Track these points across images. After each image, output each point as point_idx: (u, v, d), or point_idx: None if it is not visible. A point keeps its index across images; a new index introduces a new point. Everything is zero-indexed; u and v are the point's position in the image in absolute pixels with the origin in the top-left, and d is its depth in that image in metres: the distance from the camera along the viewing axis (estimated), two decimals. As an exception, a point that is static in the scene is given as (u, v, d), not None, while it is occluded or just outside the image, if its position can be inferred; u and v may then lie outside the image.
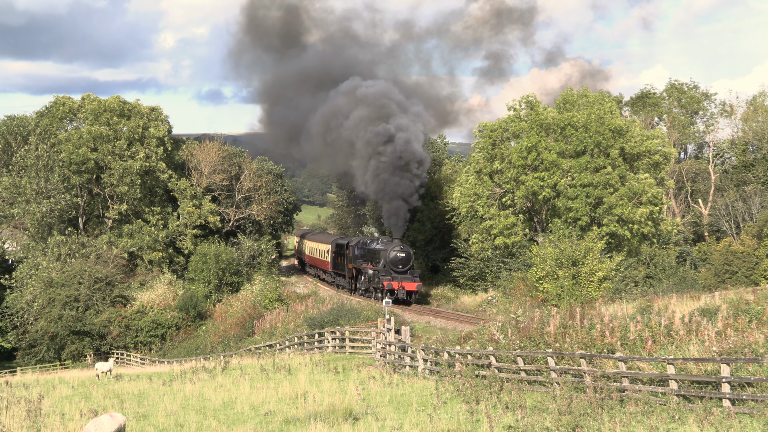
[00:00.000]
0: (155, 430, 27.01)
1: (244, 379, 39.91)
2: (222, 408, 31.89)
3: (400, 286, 68.78)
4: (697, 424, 22.33)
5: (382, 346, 44.56)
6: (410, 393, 32.98)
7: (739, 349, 28.23)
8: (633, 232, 69.24)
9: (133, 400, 34.89)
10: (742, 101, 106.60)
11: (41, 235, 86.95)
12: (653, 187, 70.74)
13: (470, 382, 31.17)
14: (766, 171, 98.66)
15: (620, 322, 35.21)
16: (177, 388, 38.48)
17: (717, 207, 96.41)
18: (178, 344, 75.60)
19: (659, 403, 25.47)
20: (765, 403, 23.36)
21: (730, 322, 33.20)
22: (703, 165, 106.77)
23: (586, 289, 55.47)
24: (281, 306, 72.17)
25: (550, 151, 70.50)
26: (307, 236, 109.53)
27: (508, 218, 72.29)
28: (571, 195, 69.30)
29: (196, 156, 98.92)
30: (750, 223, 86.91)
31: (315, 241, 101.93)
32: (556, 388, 29.23)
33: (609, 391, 26.97)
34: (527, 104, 76.18)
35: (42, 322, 77.00)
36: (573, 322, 36.60)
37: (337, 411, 27.74)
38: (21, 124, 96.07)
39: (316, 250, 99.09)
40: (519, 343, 35.43)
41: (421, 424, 25.62)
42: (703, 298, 47.71)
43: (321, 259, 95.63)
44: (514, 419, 24.78)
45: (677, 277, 67.72)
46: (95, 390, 39.47)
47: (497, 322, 41.21)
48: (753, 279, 71.88)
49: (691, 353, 29.69)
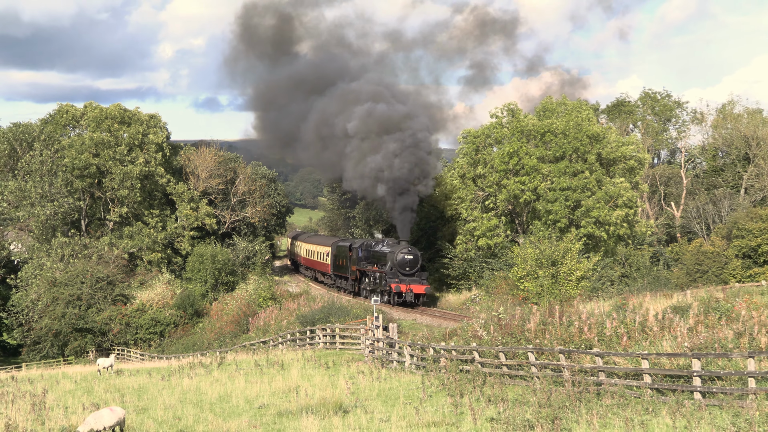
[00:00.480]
0: (154, 423, 26.93)
1: (239, 374, 39.85)
2: (218, 401, 31.83)
3: (408, 289, 64.33)
4: (670, 416, 22.35)
5: (370, 342, 44.51)
6: (397, 387, 32.95)
7: (709, 345, 28.27)
8: (609, 234, 69.39)
9: (133, 394, 34.80)
10: (712, 109, 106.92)
11: (45, 237, 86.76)
12: (628, 191, 70.89)
13: (455, 376, 31.16)
14: (734, 175, 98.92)
15: (597, 319, 35.24)
16: (175, 382, 38.41)
17: (688, 210, 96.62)
18: (176, 341, 75.51)
19: (634, 395, 25.50)
20: (734, 395, 23.41)
21: (700, 318, 33.27)
22: (675, 170, 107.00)
23: (565, 288, 55.52)
24: (274, 304, 72.09)
25: (530, 157, 70.60)
26: (302, 238, 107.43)
27: (490, 220, 72.36)
28: (550, 198, 69.40)
29: (194, 161, 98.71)
30: (720, 225, 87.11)
31: (313, 243, 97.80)
32: (537, 382, 29.24)
33: (586, 384, 26.98)
34: (509, 112, 76.31)
35: (46, 320, 76.85)
36: (552, 319, 36.60)
37: (327, 404, 27.72)
38: (26, 130, 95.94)
39: (315, 252, 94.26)
40: (501, 339, 35.40)
41: (407, 416, 25.59)
42: (675, 296, 47.83)
43: (320, 262, 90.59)
44: (497, 412, 24.77)
45: (651, 277, 67.85)
46: (97, 384, 39.36)
47: (480, 320, 41.18)
48: (722, 278, 72.09)
49: (664, 348, 29.73)
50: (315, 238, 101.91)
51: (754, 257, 74.54)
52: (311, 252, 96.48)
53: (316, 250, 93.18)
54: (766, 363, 25.43)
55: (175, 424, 26.80)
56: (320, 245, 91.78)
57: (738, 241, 75.36)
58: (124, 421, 23.60)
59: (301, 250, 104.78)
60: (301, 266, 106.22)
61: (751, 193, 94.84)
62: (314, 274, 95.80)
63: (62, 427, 23.33)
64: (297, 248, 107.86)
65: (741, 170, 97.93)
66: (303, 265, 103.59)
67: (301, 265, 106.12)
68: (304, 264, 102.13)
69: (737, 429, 19.75)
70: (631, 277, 68.30)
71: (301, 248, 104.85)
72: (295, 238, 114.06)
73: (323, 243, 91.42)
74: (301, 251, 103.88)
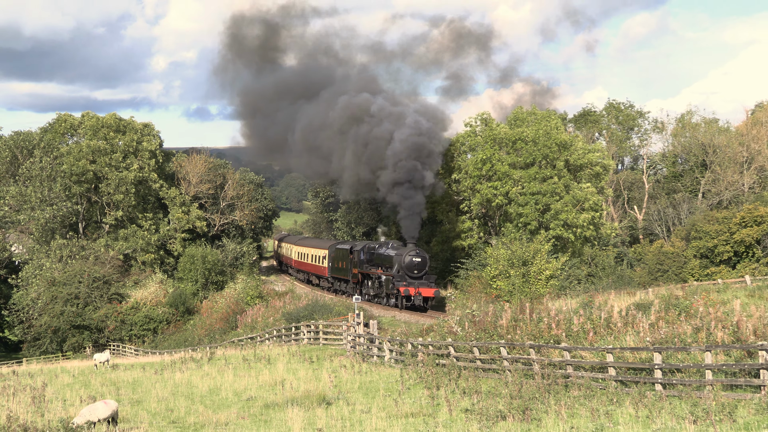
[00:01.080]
0: (148, 414, 26.84)
1: (228, 368, 39.73)
2: (208, 394, 31.74)
3: (416, 292, 58.98)
4: (633, 406, 22.44)
5: (352, 338, 44.47)
6: (378, 380, 32.95)
7: (669, 339, 28.39)
8: (576, 236, 69.66)
9: (128, 388, 34.67)
10: (671, 119, 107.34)
11: (45, 239, 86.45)
12: (594, 195, 71.20)
13: (431, 370, 31.17)
14: (693, 181, 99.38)
15: (565, 315, 35.34)
16: (167, 376, 38.28)
17: (650, 213, 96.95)
18: (169, 337, 75.32)
19: (599, 387, 25.58)
20: (692, 387, 23.53)
21: (661, 315, 33.40)
22: (638, 175, 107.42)
23: (535, 287, 55.60)
24: (261, 302, 71.87)
25: (502, 163, 70.81)
26: (293, 241, 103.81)
27: (464, 223, 72.46)
28: (521, 202, 69.60)
29: (185, 167, 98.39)
30: (679, 227, 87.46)
31: (306, 246, 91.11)
32: (508, 375, 29.29)
33: (555, 377, 27.05)
34: (482, 121, 76.53)
35: (45, 317, 76.60)
36: (523, 316, 36.67)
37: (311, 396, 27.70)
38: (26, 138, 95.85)
39: (309, 255, 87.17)
40: (475, 335, 35.45)
41: (387, 407, 25.60)
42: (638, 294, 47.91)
43: (315, 265, 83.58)
44: (471, 403, 24.80)
45: (615, 276, 68.03)
46: (94, 378, 39.20)
47: (455, 317, 41.19)
48: (682, 276, 72.34)
49: (627, 343, 29.84)
50: (309, 241, 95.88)
51: (711, 257, 74.84)
52: (304, 255, 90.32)
53: (311, 253, 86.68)
54: (722, 356, 25.57)
55: (168, 416, 26.73)
56: (315, 248, 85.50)
57: (696, 242, 75.66)
58: (117, 413, 23.56)
59: (291, 253, 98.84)
60: (291, 268, 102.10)
61: (708, 197, 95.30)
62: (308, 276, 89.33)
63: (60, 418, 23.18)
64: (286, 251, 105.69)
65: (699, 176, 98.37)
66: (294, 267, 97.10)
67: (291, 268, 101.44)
68: (297, 267, 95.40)
69: (695, 418, 19.85)
70: (596, 276, 68.45)
71: (291, 251, 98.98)
72: (281, 240, 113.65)
73: (319, 246, 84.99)
74: (292, 254, 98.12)
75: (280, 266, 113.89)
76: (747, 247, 72.88)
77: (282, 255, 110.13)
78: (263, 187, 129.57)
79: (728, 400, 21.44)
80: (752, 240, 72.57)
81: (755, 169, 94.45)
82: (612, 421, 21.06)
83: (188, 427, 24.74)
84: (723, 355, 25.57)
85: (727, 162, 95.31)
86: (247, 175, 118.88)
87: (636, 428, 19.86)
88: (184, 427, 24.78)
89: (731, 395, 22.32)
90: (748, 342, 26.08)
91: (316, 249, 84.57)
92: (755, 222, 72.49)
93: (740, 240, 72.60)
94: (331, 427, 22.98)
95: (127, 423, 24.72)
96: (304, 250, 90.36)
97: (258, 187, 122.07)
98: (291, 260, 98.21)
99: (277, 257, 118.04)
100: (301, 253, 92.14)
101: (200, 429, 24.22)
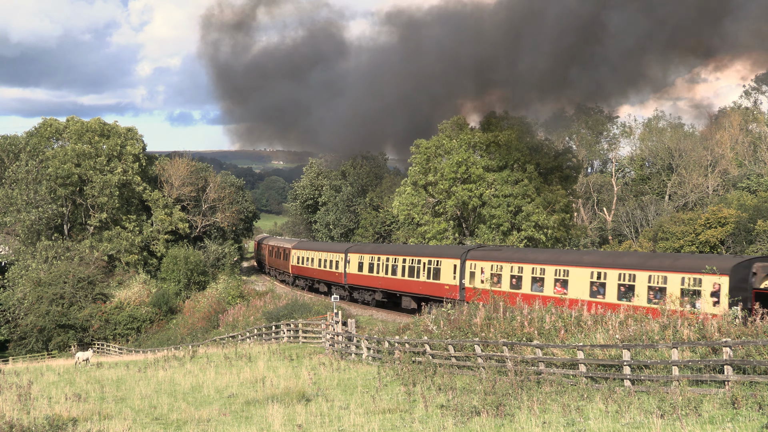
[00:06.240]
0: (132, 411, 26.70)
1: (210, 366, 39.62)
2: (191, 391, 31.62)
3: None
4: (603, 402, 22.49)
5: (330, 336, 44.43)
6: (355, 377, 32.92)
7: (638, 337, 28.47)
8: (548, 236, 69.85)
9: (112, 385, 34.50)
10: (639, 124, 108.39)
11: (31, 241, 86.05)
12: (564, 198, 71.47)
13: (408, 367, 31.14)
14: (660, 183, 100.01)
15: (537, 314, 35.35)
16: (151, 374, 38.11)
17: (619, 214, 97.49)
18: (152, 336, 75.08)
19: (570, 383, 25.62)
20: (660, 382, 23.63)
21: (630, 313, 33.52)
22: (607, 178, 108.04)
23: (508, 286, 55.60)
24: (242, 302, 71.74)
25: (477, 166, 70.90)
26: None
27: (440, 224, 72.49)
28: (494, 204, 69.74)
29: (168, 170, 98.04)
30: (647, 228, 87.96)
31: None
32: (482, 371, 29.30)
33: (528, 374, 27.07)
34: (457, 126, 76.55)
35: (31, 317, 76.21)
36: (497, 314, 36.68)
37: (291, 393, 27.64)
38: (13, 142, 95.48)
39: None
40: (450, 333, 35.45)
41: (365, 404, 25.56)
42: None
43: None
44: (446, 399, 24.80)
45: (585, 275, 68.16)
46: (79, 376, 38.99)
47: (431, 315, 41.21)
48: (650, 276, 72.59)
49: (597, 340, 29.90)
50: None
51: (677, 257, 75.29)
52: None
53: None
54: (689, 353, 25.67)
55: (151, 413, 26.60)
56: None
57: (663, 242, 76.08)
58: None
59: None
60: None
61: (675, 199, 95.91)
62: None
63: (46, 415, 23.05)
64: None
65: (665, 179, 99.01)
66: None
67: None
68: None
69: (662, 412, 19.91)
70: (567, 275, 68.58)
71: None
72: (261, 242, 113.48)
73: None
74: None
75: (261, 267, 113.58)
76: (711, 248, 73.34)
77: (262, 255, 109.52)
78: (244, 190, 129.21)
79: (694, 395, 21.55)
80: (716, 240, 73.05)
81: (719, 172, 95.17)
82: (583, 416, 21.09)
83: (171, 423, 24.62)
84: (689, 351, 25.67)
85: (693, 165, 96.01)
86: (228, 178, 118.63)
87: (606, 423, 19.90)
88: (167, 423, 24.66)
89: (697, 390, 22.43)
90: (713, 339, 26.21)
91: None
92: (719, 223, 72.98)
93: (705, 240, 73.06)
94: (311, 423, 22.92)
95: (111, 420, 24.58)
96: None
97: (239, 190, 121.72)
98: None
99: (258, 258, 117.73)
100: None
101: (183, 425, 24.11)
